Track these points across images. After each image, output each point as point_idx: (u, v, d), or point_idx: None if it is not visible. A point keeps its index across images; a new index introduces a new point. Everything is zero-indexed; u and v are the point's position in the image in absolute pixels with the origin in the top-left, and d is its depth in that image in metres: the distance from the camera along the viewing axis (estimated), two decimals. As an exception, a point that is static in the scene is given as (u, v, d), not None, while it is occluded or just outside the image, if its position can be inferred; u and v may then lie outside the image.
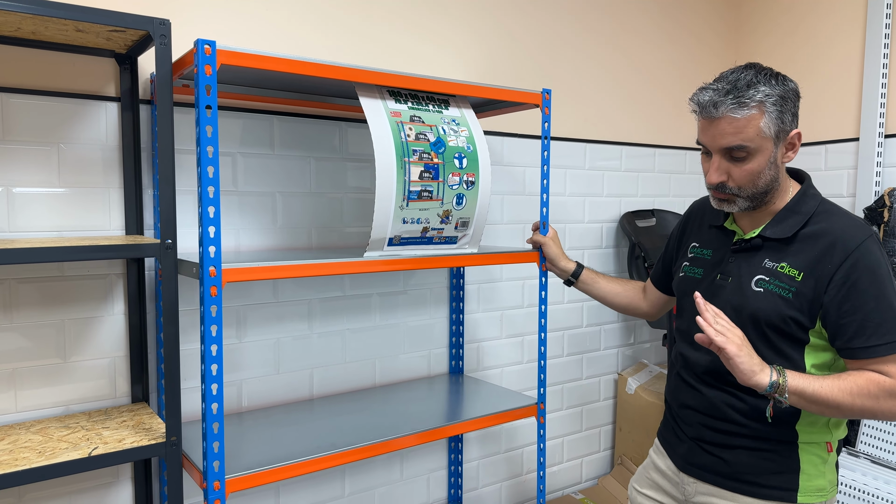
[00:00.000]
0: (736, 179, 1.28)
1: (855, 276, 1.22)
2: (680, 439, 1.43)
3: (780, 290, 1.28)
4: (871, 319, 1.21)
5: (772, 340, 1.29)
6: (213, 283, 1.26)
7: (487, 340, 2.20)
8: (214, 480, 1.28)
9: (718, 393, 1.34)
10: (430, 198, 1.50)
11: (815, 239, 1.27)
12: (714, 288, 1.37)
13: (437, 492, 2.11)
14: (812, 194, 1.33)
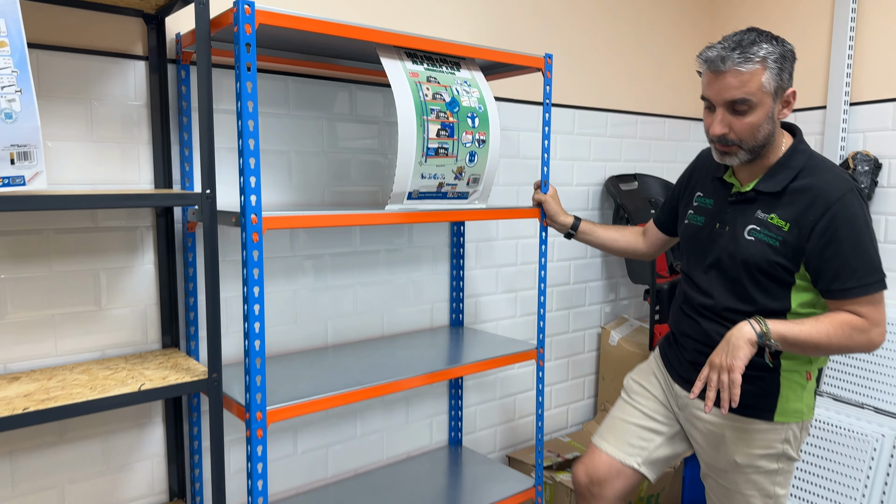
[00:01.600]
0: (737, 132, 1.41)
1: (834, 226, 1.38)
2: (679, 359, 1.62)
3: (768, 239, 1.43)
4: (848, 265, 1.37)
5: (761, 283, 1.45)
6: (255, 229, 1.36)
7: (484, 295, 2.34)
8: (257, 411, 1.39)
9: (712, 324, 1.52)
10: (446, 154, 1.61)
11: (802, 193, 1.42)
12: (714, 235, 1.53)
13: (438, 434, 2.26)
14: (802, 149, 1.47)
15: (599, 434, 1.74)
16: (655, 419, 1.68)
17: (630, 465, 1.65)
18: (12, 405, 1.24)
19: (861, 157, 2.36)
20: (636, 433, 1.68)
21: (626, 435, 1.68)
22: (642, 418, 1.68)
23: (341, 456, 2.02)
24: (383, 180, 2.03)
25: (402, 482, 1.99)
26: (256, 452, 1.40)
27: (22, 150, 1.18)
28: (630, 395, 1.74)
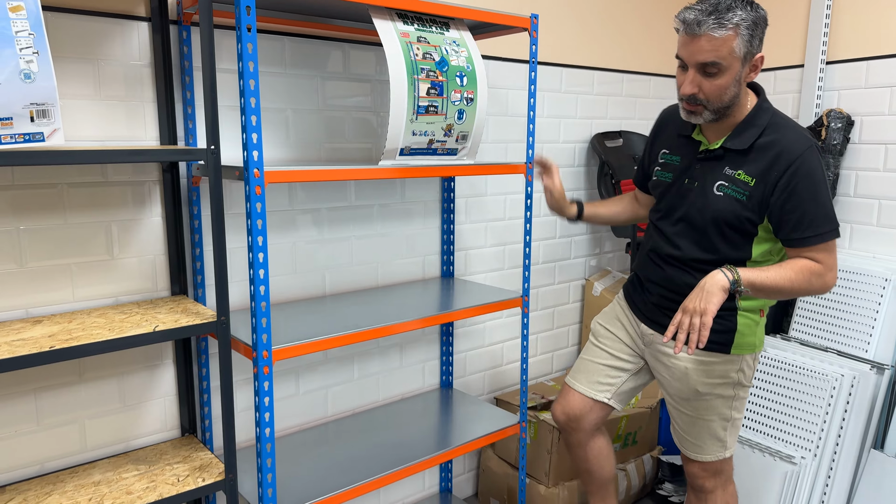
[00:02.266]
0: (706, 92, 1.51)
1: (795, 181, 1.49)
2: (644, 301, 1.77)
3: (736, 194, 1.55)
4: (807, 216, 1.50)
5: (727, 235, 1.58)
6: (258, 183, 1.46)
7: (474, 249, 2.45)
8: (263, 350, 1.52)
9: (677, 272, 1.67)
10: (436, 112, 1.70)
11: (767, 150, 1.53)
12: (683, 191, 1.65)
13: (430, 378, 2.40)
14: (766, 108, 1.58)
15: (572, 375, 1.90)
16: (621, 358, 1.84)
17: (600, 401, 1.84)
18: (39, 344, 1.36)
19: (834, 115, 2.46)
20: (604, 372, 1.85)
21: (596, 374, 1.85)
22: (609, 359, 1.85)
23: (340, 397, 2.16)
24: (376, 137, 2.12)
25: (397, 419, 2.14)
26: (263, 388, 1.53)
27: (41, 108, 1.27)
28: (597, 338, 1.90)
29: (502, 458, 2.47)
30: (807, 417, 2.12)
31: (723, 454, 1.72)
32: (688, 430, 1.74)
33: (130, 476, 1.61)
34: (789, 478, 2.04)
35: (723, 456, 1.72)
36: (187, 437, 1.83)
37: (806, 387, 2.14)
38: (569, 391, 1.90)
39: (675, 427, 1.79)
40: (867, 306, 2.24)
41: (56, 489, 1.55)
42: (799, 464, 2.05)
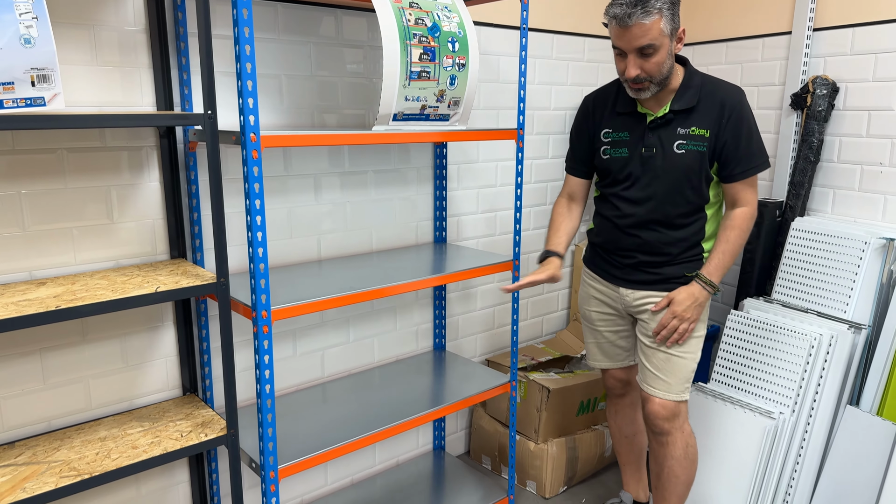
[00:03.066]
0: (647, 71, 1.69)
1: (736, 123, 1.75)
2: (616, 266, 1.94)
3: (697, 147, 1.76)
4: (743, 153, 1.76)
5: (693, 183, 1.79)
6: (254, 147, 1.49)
7: (466, 215, 2.50)
8: (262, 310, 1.57)
9: (652, 233, 1.83)
10: (428, 78, 1.73)
11: (709, 104, 1.75)
12: (643, 159, 1.81)
13: (424, 341, 2.47)
14: (695, 72, 1.79)
15: (593, 360, 2.15)
16: (619, 330, 2.06)
17: (628, 365, 2.10)
18: (45, 304, 1.40)
19: (820, 82, 2.49)
20: (616, 345, 2.08)
21: (612, 351, 2.10)
22: (612, 335, 2.07)
23: (336, 358, 2.22)
24: (369, 103, 2.15)
25: (391, 379, 2.21)
26: (263, 346, 1.59)
27: (41, 73, 1.30)
28: (592, 323, 2.09)
29: (493, 416, 2.55)
30: (786, 375, 2.20)
31: (685, 395, 1.90)
32: (661, 369, 1.88)
33: (135, 432, 1.67)
34: (768, 432, 2.12)
35: (684, 398, 1.90)
36: (188, 396, 1.89)
37: (786, 346, 2.22)
38: (604, 373, 2.16)
39: (646, 370, 1.92)
40: (847, 269, 2.31)
41: (64, 444, 1.61)
42: (778, 419, 2.14)
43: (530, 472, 2.44)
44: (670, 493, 1.96)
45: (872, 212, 2.46)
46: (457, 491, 2.33)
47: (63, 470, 1.49)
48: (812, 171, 2.57)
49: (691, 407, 2.31)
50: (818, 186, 2.61)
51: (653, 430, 1.93)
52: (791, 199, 2.61)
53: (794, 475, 2.22)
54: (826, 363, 2.19)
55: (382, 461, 2.45)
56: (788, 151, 2.64)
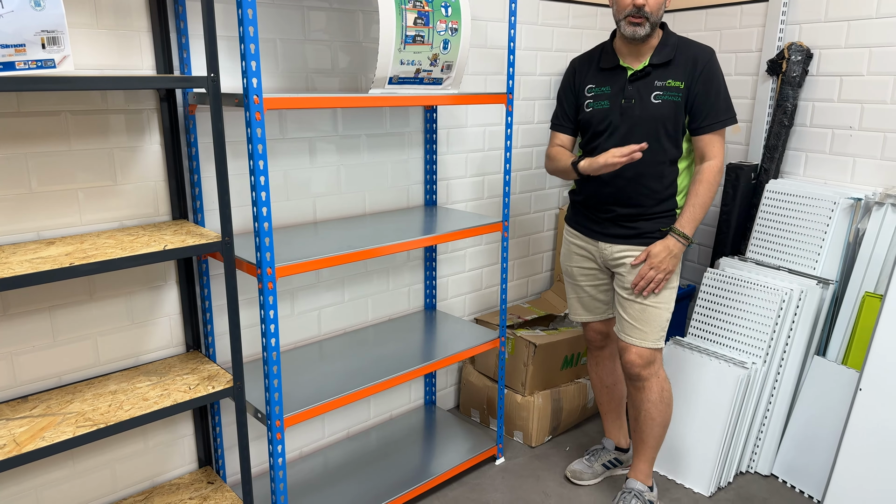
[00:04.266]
0: (650, 5, 1.83)
1: (706, 78, 1.89)
2: (595, 222, 2.06)
3: (672, 97, 1.89)
4: (713, 105, 1.90)
5: (669, 132, 1.92)
6: (258, 109, 1.54)
7: (455, 179, 2.57)
8: (267, 267, 1.64)
9: (628, 184, 1.96)
10: (423, 42, 1.79)
11: (684, 58, 1.90)
12: (623, 108, 1.94)
13: (415, 301, 2.56)
14: (671, 33, 1.95)
15: (575, 314, 2.27)
16: (599, 284, 2.17)
17: (607, 318, 2.22)
18: (59, 261, 1.45)
19: (795, 48, 2.59)
20: (596, 299, 2.20)
21: (592, 305, 2.22)
22: (592, 289, 2.19)
23: (332, 317, 2.31)
24: (361, 67, 2.20)
25: (385, 337, 2.30)
26: (268, 302, 1.66)
27: (51, 36, 1.33)
28: (574, 279, 2.21)
29: (481, 372, 2.66)
30: (758, 328, 2.34)
31: (660, 343, 2.03)
32: (638, 319, 2.01)
33: (144, 386, 1.74)
34: (741, 381, 2.26)
35: (660, 345, 2.03)
36: (192, 353, 1.96)
37: (759, 300, 2.35)
38: (585, 326, 2.28)
39: (623, 320, 2.04)
40: (817, 228, 2.44)
41: (76, 398, 1.68)
42: (750, 369, 2.28)
43: (517, 423, 2.56)
44: (648, 435, 2.10)
45: (842, 174, 2.58)
46: (448, 442, 2.45)
47: (79, 420, 1.56)
48: (786, 136, 2.68)
49: (670, 359, 2.44)
50: (791, 150, 2.73)
51: (630, 377, 2.06)
52: (766, 163, 2.72)
53: (764, 420, 2.38)
54: (796, 316, 2.32)
55: (377, 415, 2.55)
56: (764, 116, 2.75)
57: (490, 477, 2.38)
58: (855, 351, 2.31)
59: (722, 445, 2.29)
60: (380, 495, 2.12)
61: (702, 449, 2.32)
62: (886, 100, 2.43)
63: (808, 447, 2.31)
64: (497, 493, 2.29)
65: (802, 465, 2.32)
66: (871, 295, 2.30)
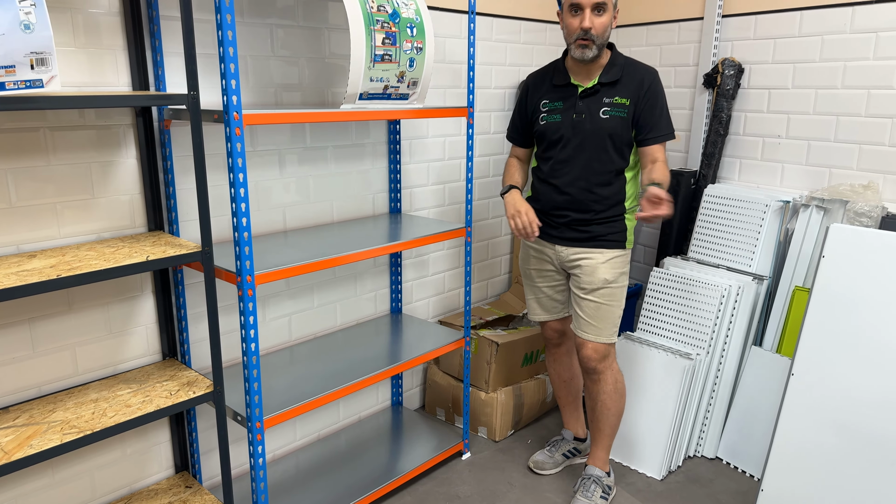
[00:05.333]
0: (596, 28, 1.98)
1: (650, 96, 2.06)
2: (551, 226, 2.21)
3: (619, 113, 2.05)
4: (656, 123, 2.07)
5: (617, 146, 2.08)
6: (237, 125, 1.63)
7: (418, 187, 2.69)
8: (248, 275, 1.72)
9: (581, 191, 2.11)
10: (391, 60, 1.90)
11: (632, 78, 2.06)
12: (574, 122, 2.10)
13: (382, 305, 2.66)
14: (619, 54, 2.12)
15: (533, 314, 2.39)
16: (555, 285, 2.31)
17: (563, 316, 2.36)
18: (45, 273, 1.50)
19: (728, 63, 2.81)
20: (552, 299, 2.34)
21: (548, 304, 2.35)
22: (549, 290, 2.32)
23: (301, 323, 2.38)
24: (327, 82, 2.29)
25: (354, 341, 2.39)
26: (248, 308, 1.74)
27: (40, 57, 1.39)
28: (532, 280, 2.35)
29: (446, 372, 2.78)
30: (701, 322, 2.53)
31: (614, 338, 2.19)
32: (593, 316, 2.16)
33: (125, 393, 1.79)
34: (687, 371, 2.45)
35: (613, 340, 2.19)
36: (169, 360, 2.02)
37: (701, 296, 2.55)
38: (543, 325, 2.41)
39: (579, 318, 2.19)
40: (751, 228, 2.65)
41: (58, 407, 1.72)
42: (695, 359, 2.47)
43: (481, 419, 2.69)
44: (604, 424, 2.26)
45: (772, 178, 2.82)
46: (416, 440, 2.55)
47: (64, 428, 1.60)
48: (722, 144, 2.90)
49: (622, 353, 2.61)
50: (727, 157, 2.95)
51: (587, 371, 2.22)
52: (704, 169, 2.93)
53: (709, 407, 2.57)
54: (734, 310, 2.53)
55: (346, 417, 2.64)
56: (701, 125, 2.96)
57: (458, 471, 2.49)
58: (787, 340, 2.53)
59: (671, 432, 2.47)
60: (353, 493, 2.21)
61: (653, 436, 2.50)
62: (809, 111, 2.67)
63: (749, 431, 2.52)
64: (465, 485, 2.41)
65: (744, 447, 2.53)
66: (800, 289, 2.52)
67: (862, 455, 2.12)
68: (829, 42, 2.59)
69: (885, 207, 2.44)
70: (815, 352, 2.26)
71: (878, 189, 2.48)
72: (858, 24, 2.51)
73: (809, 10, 2.62)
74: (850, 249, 2.19)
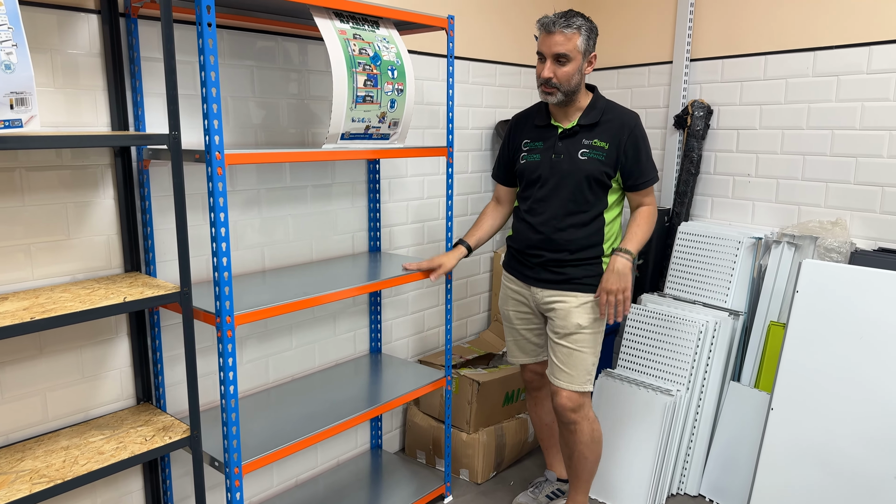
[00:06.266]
0: (558, 77, 2.01)
1: (634, 142, 2.07)
2: (528, 266, 2.20)
3: (597, 156, 2.07)
4: (641, 167, 2.10)
5: (593, 187, 2.08)
6: (219, 164, 1.62)
7: (397, 225, 2.69)
8: (227, 316, 1.69)
9: (557, 231, 2.11)
10: (372, 102, 1.92)
11: (611, 122, 2.08)
12: (553, 163, 2.11)
13: (361, 345, 2.63)
14: (601, 97, 2.14)
15: (512, 356, 2.38)
16: (533, 328, 2.30)
17: (542, 360, 2.34)
18: (18, 316, 1.46)
19: (697, 105, 2.90)
20: (531, 342, 2.33)
21: (527, 347, 2.34)
22: (527, 332, 2.31)
23: (279, 364, 2.34)
24: (307, 122, 2.31)
25: (332, 382, 2.35)
26: (227, 350, 1.70)
27: (19, 97, 1.38)
28: (510, 322, 2.34)
29: (426, 413, 2.74)
30: (680, 358, 2.55)
31: (588, 387, 2.15)
32: (565, 362, 2.13)
33: (97, 440, 1.73)
34: (668, 407, 2.45)
35: (587, 388, 2.15)
36: (143, 405, 1.96)
37: (679, 332, 2.57)
38: (522, 367, 2.39)
39: (553, 364, 2.17)
40: (725, 265, 2.70)
41: (27, 455, 1.65)
42: (675, 395, 2.48)
43: (463, 461, 2.65)
44: (581, 471, 2.24)
45: (744, 215, 2.89)
46: (396, 485, 2.50)
47: (33, 478, 1.54)
48: (693, 182, 2.97)
49: (602, 391, 2.61)
50: (699, 195, 3.02)
51: (562, 420, 2.18)
52: (677, 207, 3.00)
53: (690, 443, 2.57)
54: (712, 346, 2.56)
55: (324, 461, 2.58)
56: (673, 165, 3.04)
57: (439, 515, 2.44)
58: (765, 374, 2.56)
59: (654, 470, 2.45)
60: (334, 539, 2.14)
61: (635, 474, 2.48)
62: (777, 150, 2.76)
63: (731, 466, 2.52)
64: (447, 529, 2.36)
65: (726, 483, 2.52)
66: (775, 324, 2.57)
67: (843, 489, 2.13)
68: (793, 85, 2.69)
69: (854, 243, 2.51)
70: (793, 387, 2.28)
71: (846, 225, 2.55)
72: (820, 68, 2.62)
73: (773, 55, 2.74)
74: (823, 285, 2.24)
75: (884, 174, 2.49)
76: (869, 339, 2.16)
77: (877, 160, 2.51)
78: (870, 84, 2.50)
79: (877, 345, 2.14)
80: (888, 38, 2.45)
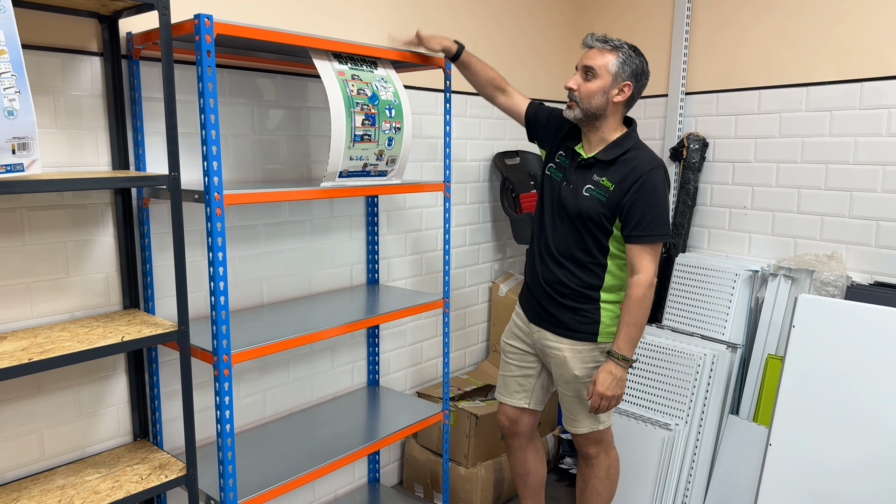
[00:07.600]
0: (581, 91, 1.94)
1: (641, 190, 1.89)
2: (531, 303, 2.14)
3: (598, 195, 1.95)
4: (645, 219, 1.90)
5: (590, 229, 1.97)
6: (218, 205, 1.64)
7: (395, 257, 2.71)
8: (224, 354, 1.69)
9: (557, 266, 2.04)
10: (370, 140, 1.95)
11: (625, 164, 1.94)
12: (563, 189, 2.03)
13: (359, 377, 2.63)
14: (632, 136, 2.00)
15: (497, 392, 2.30)
16: (525, 367, 2.21)
17: (521, 407, 2.22)
18: (17, 357, 1.47)
19: (693, 137, 2.93)
20: (517, 382, 2.23)
21: (512, 386, 2.24)
22: (517, 370, 2.23)
23: (277, 399, 2.34)
24: (308, 160, 2.33)
25: (329, 417, 2.35)
26: (224, 388, 1.71)
27: (22, 142, 1.40)
28: (506, 354, 2.27)
29: (424, 446, 2.73)
30: (678, 391, 2.55)
31: (597, 427, 2.09)
32: (569, 408, 2.11)
33: (93, 479, 1.73)
34: (666, 442, 2.44)
35: (597, 428, 2.09)
36: (140, 442, 1.95)
37: (677, 366, 2.57)
38: (500, 405, 2.28)
39: (562, 409, 2.15)
40: (723, 297, 2.71)
41: (22, 495, 1.64)
42: (674, 429, 2.47)
43: (461, 496, 2.63)
44: None
45: (740, 247, 2.90)
46: (394, 518, 2.48)
47: (27, 519, 1.54)
48: (690, 214, 2.99)
49: (601, 424, 2.60)
50: (696, 227, 3.04)
51: (580, 455, 2.16)
52: (674, 238, 3.01)
53: (689, 478, 2.56)
54: (710, 379, 2.55)
55: (321, 496, 2.56)
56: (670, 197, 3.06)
57: (437, 551, 2.42)
58: (763, 408, 2.55)
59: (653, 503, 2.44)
60: (330, 577, 2.12)
61: (635, 509, 2.47)
62: (772, 183, 2.78)
63: (730, 502, 2.50)
64: (445, 566, 2.33)
65: (726, 518, 2.51)
66: (773, 357, 2.57)
67: (843, 527, 2.11)
68: (787, 119, 2.73)
69: (850, 277, 2.52)
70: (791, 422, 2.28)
71: (841, 259, 2.57)
72: (813, 103, 2.65)
73: (767, 90, 2.77)
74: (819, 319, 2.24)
75: (878, 208, 2.51)
76: (866, 374, 2.16)
77: (871, 194, 2.53)
78: (862, 119, 2.53)
79: (873, 380, 2.14)
80: (880, 75, 2.49)
